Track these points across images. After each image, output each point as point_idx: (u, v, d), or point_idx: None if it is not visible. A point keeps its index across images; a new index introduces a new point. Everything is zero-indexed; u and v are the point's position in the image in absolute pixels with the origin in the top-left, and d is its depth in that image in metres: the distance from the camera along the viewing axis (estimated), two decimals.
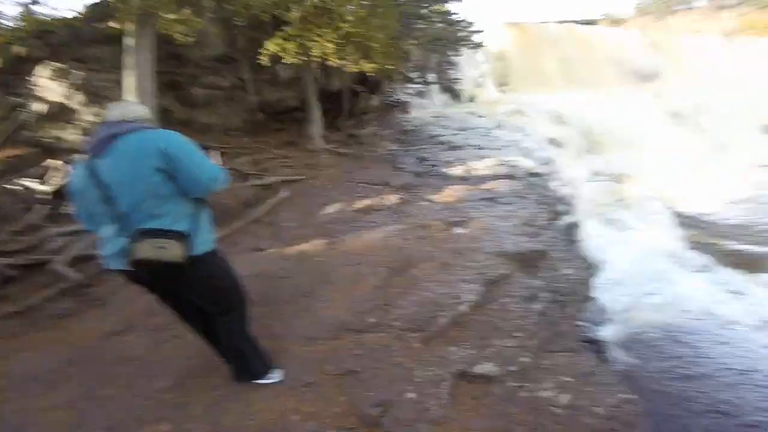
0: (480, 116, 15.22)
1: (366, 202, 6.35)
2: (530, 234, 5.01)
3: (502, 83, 20.99)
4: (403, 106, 17.31)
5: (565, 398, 2.82)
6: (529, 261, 4.49)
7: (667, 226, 11.53)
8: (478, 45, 17.64)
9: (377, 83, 14.62)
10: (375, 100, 15.15)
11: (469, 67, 20.29)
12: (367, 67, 8.64)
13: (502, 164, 8.29)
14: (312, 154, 9.19)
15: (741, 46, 26.62)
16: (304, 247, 4.89)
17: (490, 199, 6.09)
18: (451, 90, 20.43)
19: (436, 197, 6.54)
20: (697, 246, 10.89)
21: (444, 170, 8.22)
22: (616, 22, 47.13)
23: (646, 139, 15.57)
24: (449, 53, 19.36)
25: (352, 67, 8.38)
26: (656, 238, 10.80)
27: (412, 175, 7.99)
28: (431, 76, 19.60)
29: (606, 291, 8.92)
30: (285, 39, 8.02)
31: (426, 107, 18.12)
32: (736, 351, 7.03)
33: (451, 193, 6.61)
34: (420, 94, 19.16)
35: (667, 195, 13.67)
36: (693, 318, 7.77)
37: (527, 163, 8.57)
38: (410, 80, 18.19)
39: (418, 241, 4.68)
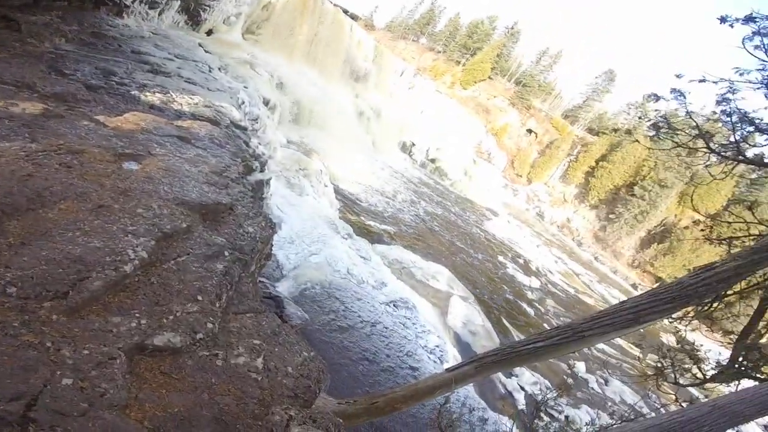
0: (208, 52, 13.84)
1: None
2: (219, 185, 4.71)
3: (251, 31, 19.72)
4: (116, 6, 12.75)
5: (260, 362, 2.90)
6: (213, 214, 4.21)
7: (330, 198, 15.19)
8: None
9: None
10: None
11: (229, 2, 17.71)
12: None
13: (209, 106, 8.06)
14: None
15: (419, 80, 37.14)
16: None
17: (182, 139, 5.42)
18: (193, 14, 17.14)
19: (107, 120, 5.08)
20: (346, 217, 15.01)
21: (134, 93, 6.84)
22: (369, 26, 56.89)
23: (336, 127, 19.35)
24: None
25: None
26: (322, 207, 13.97)
27: (80, 86, 6.01)
28: None
29: (281, 248, 10.64)
30: None
31: (150, 20, 14.32)
32: (366, 306, 9.81)
33: (132, 120, 5.39)
34: (153, 4, 14.79)
35: (336, 173, 17.96)
36: (341, 277, 10.22)
37: (235, 114, 8.74)
38: None
39: (60, 170, 3.39)
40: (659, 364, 5.08)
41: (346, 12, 38.95)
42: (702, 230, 14.08)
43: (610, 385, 13.85)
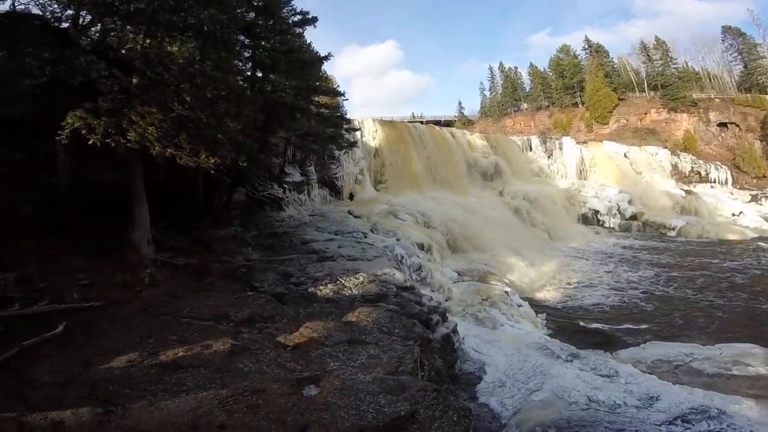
0: (356, 216, 15.49)
1: (179, 351, 4.67)
2: (395, 390, 4.02)
3: (378, 180, 22.18)
4: (276, 202, 16.25)
5: None
6: (394, 430, 3.54)
7: (530, 317, 12.57)
8: (352, 144, 17.86)
9: (244, 172, 12.32)
10: (240, 194, 13.19)
11: (348, 162, 20.95)
12: (209, 161, 6.69)
13: (374, 281, 7.79)
14: (131, 268, 6.98)
15: (552, 144, 33.81)
16: (57, 416, 3.18)
17: (352, 342, 5.06)
18: (331, 185, 20.48)
19: (286, 339, 5.21)
20: (558, 331, 12.03)
21: (310, 290, 7.21)
22: (466, 123, 58.58)
23: (499, 236, 17.81)
24: (329, 147, 20.04)
25: (187, 160, 6.43)
26: (524, 332, 11.52)
27: (268, 299, 6.61)
28: (311, 171, 19.54)
29: (491, 395, 8.66)
30: (93, 113, 5.94)
31: (303, 203, 17.69)
32: None
33: (306, 334, 5.34)
34: (298, 188, 18.70)
35: (524, 287, 15.43)
36: (581, 409, 7.55)
37: (398, 277, 8.25)
38: (282, 175, 17.25)
39: (248, 414, 3.48)
40: None
41: (439, 123, 42.38)
42: None
43: None
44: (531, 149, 33.16)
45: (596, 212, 26.94)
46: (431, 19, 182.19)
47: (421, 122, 42.28)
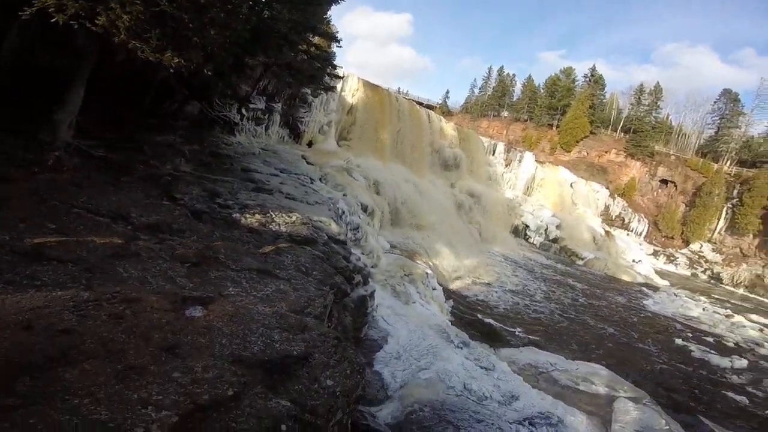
0: (310, 163, 14.94)
1: (50, 240, 4.05)
2: (295, 328, 3.82)
3: (343, 137, 21.54)
4: (230, 126, 15.29)
5: None
6: (281, 370, 3.28)
7: (439, 302, 13.30)
8: (330, 88, 16.97)
9: (206, 89, 11.65)
10: (193, 107, 12.37)
11: (319, 110, 20.03)
12: (173, 60, 6.23)
13: (307, 223, 7.63)
14: (40, 148, 6.36)
15: (515, 155, 35.29)
16: None
17: (262, 272, 4.77)
18: (293, 127, 19.51)
19: (188, 252, 4.78)
20: (460, 321, 12.71)
21: (235, 215, 6.80)
22: (446, 112, 58.53)
23: (437, 223, 18.23)
24: (305, 90, 18.23)
25: (149, 55, 5.93)
26: (430, 313, 12.13)
27: (184, 213, 6.10)
28: (277, 107, 18.49)
29: (386, 365, 8.79)
30: None
31: (258, 136, 16.79)
32: (489, 429, 7.46)
33: (214, 250, 5.02)
34: (258, 119, 17.68)
35: (444, 274, 16.02)
36: (455, 395, 8.16)
37: (333, 228, 8.20)
38: (247, 101, 16.16)
39: (106, 323, 3.05)
40: None
41: (421, 104, 41.95)
42: None
43: None
44: (494, 154, 34.33)
45: (527, 227, 29.02)
46: (455, 5, 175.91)
47: (406, 99, 41.58)
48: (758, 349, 17.13)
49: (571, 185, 36.44)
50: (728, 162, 41.59)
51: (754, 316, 23.11)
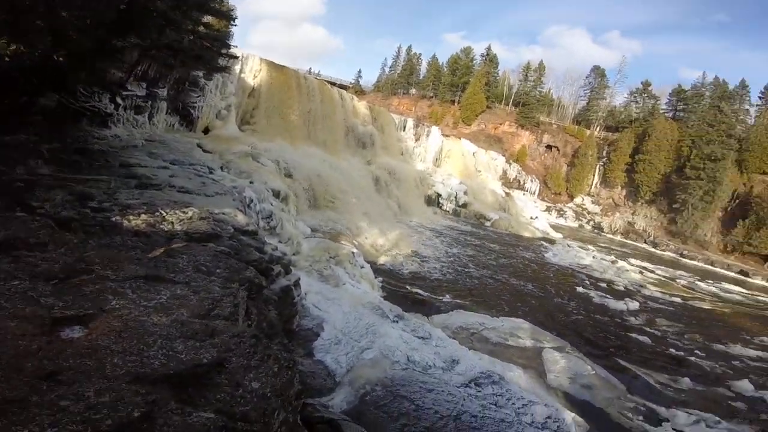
0: (207, 151, 13.31)
1: None
2: (201, 335, 3.41)
3: (246, 121, 19.85)
4: (98, 118, 12.77)
5: None
6: (193, 381, 2.99)
7: (369, 279, 13.23)
8: (221, 69, 15.20)
9: (62, 77, 9.46)
10: (49, 100, 10.05)
11: (214, 94, 18.05)
12: (7, 49, 5.15)
13: (207, 218, 6.66)
14: None
15: (423, 130, 36.70)
16: None
17: (152, 279, 4.05)
18: (184, 114, 17.13)
19: (54, 269, 3.90)
20: (390, 294, 12.40)
21: (114, 219, 5.61)
22: (359, 91, 58.99)
23: (358, 201, 18.01)
24: (196, 73, 16.17)
25: None
26: (362, 292, 11.82)
27: (46, 223, 4.79)
28: (161, 93, 15.93)
29: (328, 352, 8.22)
30: None
31: (140, 126, 14.37)
32: (441, 396, 7.55)
33: (85, 263, 4.11)
34: (138, 109, 15.06)
35: (370, 251, 15.88)
36: (401, 368, 8.14)
37: (240, 219, 7.32)
38: (120, 89, 13.66)
39: None
40: None
41: (333, 84, 41.28)
42: None
43: None
44: (405, 130, 35.32)
45: (439, 196, 30.62)
46: None
47: (317, 79, 40.07)
48: (643, 291, 20.35)
49: (473, 155, 39.40)
50: (598, 128, 49.23)
51: (633, 260, 27.75)
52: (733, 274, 30.74)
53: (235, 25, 19.04)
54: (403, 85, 60.55)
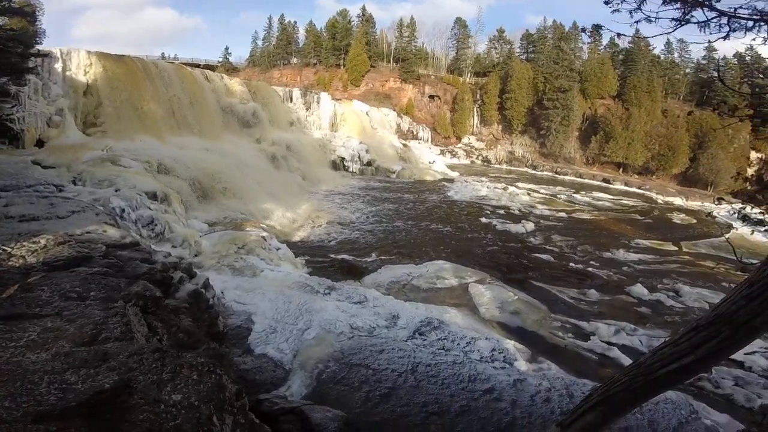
0: (48, 167, 10.84)
1: None
2: (92, 361, 3.08)
3: (90, 123, 16.75)
4: None
5: None
6: (100, 411, 2.72)
7: (289, 259, 12.65)
8: (23, 70, 12.34)
9: None
10: None
11: (35, 100, 14.84)
12: None
13: (67, 242, 5.53)
14: None
15: (312, 97, 35.49)
16: None
17: (11, 318, 3.46)
18: (3, 130, 13.79)
19: None
20: (316, 269, 12.03)
21: None
22: (230, 69, 53.58)
23: (256, 183, 16.92)
24: (3, 77, 13.05)
25: None
26: (284, 273, 11.15)
27: None
28: None
29: (267, 344, 7.85)
30: None
31: None
32: (394, 354, 7.78)
33: None
34: None
35: (282, 230, 15.07)
36: (347, 338, 8.14)
37: (112, 233, 6.24)
38: None
39: None
40: None
41: (198, 65, 36.75)
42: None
43: (684, 295, 12.70)
44: (292, 100, 33.56)
45: (343, 159, 30.55)
46: None
47: (171, 63, 34.70)
48: (534, 211, 22.70)
49: (367, 114, 39.53)
50: (469, 75, 53.02)
51: (520, 184, 30.99)
52: (598, 183, 36.51)
53: (34, 21, 15.62)
54: (282, 56, 56.97)
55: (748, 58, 43.57)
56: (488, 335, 9.05)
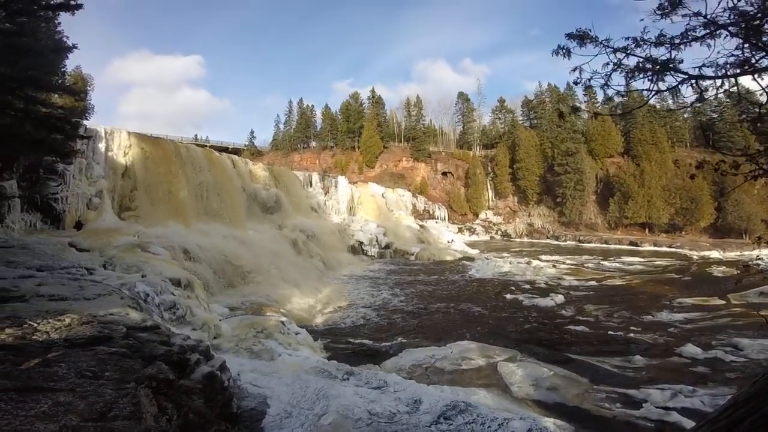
0: (83, 249, 11.53)
1: None
2: None
3: (126, 207, 17.46)
4: None
5: None
6: None
7: (308, 344, 12.27)
8: (67, 153, 12.10)
9: None
10: None
11: (79, 180, 15.53)
12: None
13: (90, 322, 5.63)
14: None
15: (330, 182, 37.13)
16: None
17: (26, 390, 3.46)
18: (46, 209, 14.62)
19: None
20: (334, 353, 11.54)
21: None
22: (255, 153, 57.50)
23: (277, 269, 17.11)
24: (50, 158, 13.58)
25: None
26: (302, 358, 10.95)
27: None
28: (10, 186, 13.10)
29: (281, 428, 7.47)
30: None
31: None
32: None
33: None
34: None
35: (302, 315, 14.79)
36: (365, 424, 7.49)
37: (134, 317, 6.37)
38: None
39: None
40: None
41: (226, 149, 39.64)
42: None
43: (745, 348, 11.58)
44: (311, 185, 35.55)
45: (361, 243, 31.06)
46: (249, 43, 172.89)
47: (204, 146, 37.68)
48: (562, 282, 21.84)
49: (383, 196, 41.28)
50: (477, 148, 55.70)
51: (543, 257, 30.55)
52: (625, 247, 35.51)
53: (81, 100, 17.07)
54: (301, 139, 60.69)
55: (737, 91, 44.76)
56: (523, 414, 8.21)
